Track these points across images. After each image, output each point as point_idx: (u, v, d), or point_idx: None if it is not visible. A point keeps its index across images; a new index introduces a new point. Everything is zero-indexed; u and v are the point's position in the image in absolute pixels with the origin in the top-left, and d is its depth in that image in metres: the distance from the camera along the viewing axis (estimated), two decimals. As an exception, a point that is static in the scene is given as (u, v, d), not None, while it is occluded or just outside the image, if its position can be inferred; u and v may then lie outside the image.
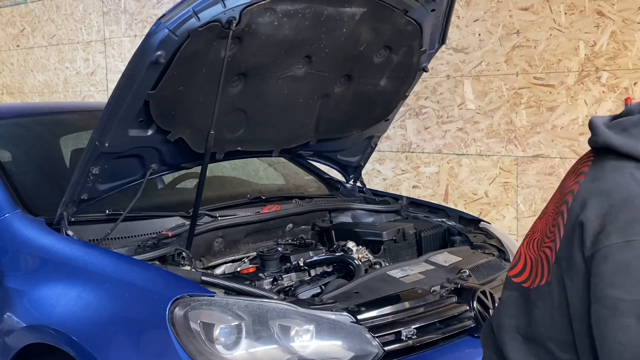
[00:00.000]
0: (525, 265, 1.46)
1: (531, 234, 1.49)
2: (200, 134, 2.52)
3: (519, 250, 1.50)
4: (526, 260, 1.46)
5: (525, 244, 1.49)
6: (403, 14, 2.68)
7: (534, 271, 1.43)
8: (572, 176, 1.43)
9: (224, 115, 2.55)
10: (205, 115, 2.43)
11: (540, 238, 1.45)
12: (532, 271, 1.44)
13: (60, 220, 2.47)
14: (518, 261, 1.49)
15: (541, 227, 1.46)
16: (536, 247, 1.45)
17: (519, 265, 1.48)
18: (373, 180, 4.68)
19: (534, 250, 1.46)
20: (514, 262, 1.50)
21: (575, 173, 1.43)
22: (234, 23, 2.25)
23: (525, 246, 1.49)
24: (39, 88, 7.28)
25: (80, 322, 2.17)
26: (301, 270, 2.60)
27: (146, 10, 6.06)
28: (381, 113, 3.20)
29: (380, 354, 2.10)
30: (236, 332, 2.01)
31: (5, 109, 3.98)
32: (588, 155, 1.45)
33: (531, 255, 1.46)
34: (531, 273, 1.43)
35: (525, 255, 1.47)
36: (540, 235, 1.45)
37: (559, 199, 1.42)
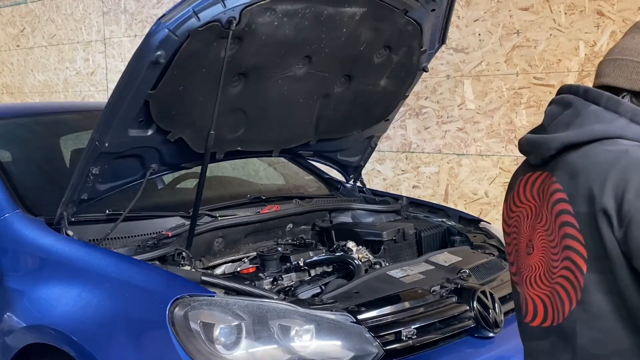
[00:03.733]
0: (536, 307, 1.42)
1: (526, 275, 1.45)
2: (200, 134, 2.52)
3: (522, 297, 1.46)
4: (535, 301, 1.43)
5: (525, 286, 1.45)
6: (403, 14, 2.68)
7: (554, 305, 1.39)
8: (536, 204, 1.43)
9: (224, 115, 2.55)
10: (205, 115, 2.43)
11: (543, 272, 1.41)
12: (551, 306, 1.39)
13: (60, 220, 2.47)
14: (527, 307, 1.44)
15: (536, 262, 1.43)
16: (543, 282, 1.41)
17: (530, 310, 1.44)
18: (373, 180, 4.68)
19: (542, 286, 1.41)
20: (523, 310, 1.45)
21: (537, 200, 1.43)
22: (234, 23, 2.25)
23: (527, 289, 1.45)
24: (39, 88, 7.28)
25: (80, 322, 2.17)
26: (301, 270, 2.60)
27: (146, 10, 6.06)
28: (381, 113, 3.20)
29: (380, 354, 2.10)
30: (236, 332, 2.01)
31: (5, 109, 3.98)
32: (532, 178, 1.45)
33: (540, 293, 1.42)
34: (553, 309, 1.39)
35: (532, 297, 1.43)
36: (542, 269, 1.42)
37: (548, 226, 1.39)
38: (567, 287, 1.36)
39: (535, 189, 1.45)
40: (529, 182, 1.48)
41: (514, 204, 1.51)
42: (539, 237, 1.43)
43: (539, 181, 1.45)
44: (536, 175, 1.46)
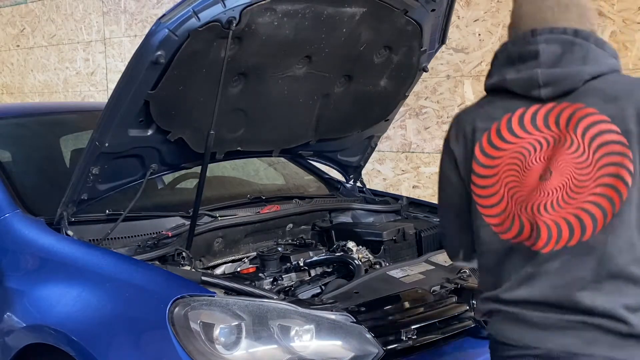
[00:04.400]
0: (559, 229, 1.51)
1: (538, 202, 1.53)
2: (200, 134, 2.52)
3: (530, 225, 1.54)
4: (557, 224, 1.51)
5: (537, 213, 1.53)
6: (403, 14, 2.68)
7: (582, 223, 1.49)
8: (552, 133, 1.55)
9: (224, 115, 2.55)
10: (205, 115, 2.43)
11: (566, 194, 1.52)
12: (579, 224, 1.50)
13: (60, 220, 2.47)
14: (539, 233, 1.52)
15: (555, 187, 1.52)
16: (566, 203, 1.51)
17: (544, 235, 1.52)
18: (373, 180, 4.68)
19: (565, 207, 1.51)
20: (532, 239, 1.53)
21: (554, 129, 1.55)
22: (234, 23, 2.25)
23: (540, 215, 1.52)
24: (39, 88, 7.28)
25: (80, 322, 2.17)
26: (301, 270, 2.60)
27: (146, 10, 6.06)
28: (381, 113, 3.20)
29: (380, 354, 2.10)
30: (236, 332, 2.01)
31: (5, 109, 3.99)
32: (542, 110, 1.57)
33: (563, 215, 1.51)
34: (581, 226, 1.49)
35: (548, 222, 1.52)
36: (562, 191, 1.52)
37: (577, 148, 1.51)
38: (604, 202, 1.48)
39: (552, 119, 1.56)
40: (538, 114, 1.57)
41: (504, 140, 1.60)
42: (562, 161, 1.53)
43: (556, 111, 1.56)
44: (549, 107, 1.57)
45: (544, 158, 1.56)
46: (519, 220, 1.56)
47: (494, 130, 1.61)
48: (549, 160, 1.55)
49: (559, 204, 1.52)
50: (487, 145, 1.62)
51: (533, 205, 1.55)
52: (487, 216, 1.62)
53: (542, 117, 1.57)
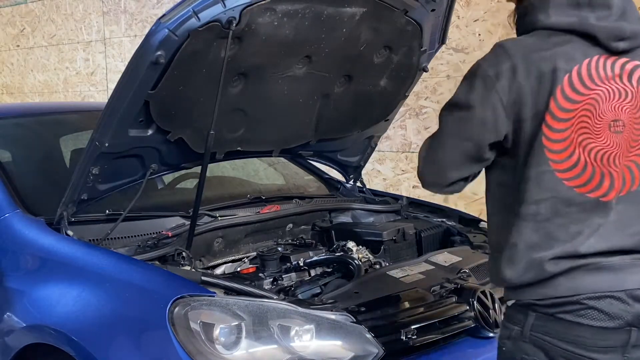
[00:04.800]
0: (623, 178, 1.63)
1: (610, 152, 1.61)
2: (200, 134, 2.52)
3: (600, 175, 1.61)
4: (622, 173, 1.63)
5: (606, 164, 1.61)
6: (403, 14, 2.68)
7: (633, 174, 1.63)
8: (622, 86, 1.61)
9: (224, 115, 2.55)
10: (205, 115, 2.43)
11: (627, 147, 1.62)
12: (630, 175, 1.63)
13: (60, 220, 2.47)
14: (601, 183, 1.61)
15: (623, 139, 1.62)
16: (625, 156, 1.63)
17: (606, 185, 1.62)
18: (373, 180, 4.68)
19: (625, 161, 1.63)
20: (615, 187, 1.62)
21: (625, 82, 1.62)
22: (234, 23, 2.25)
23: (609, 166, 1.61)
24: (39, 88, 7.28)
25: (80, 322, 2.17)
26: (301, 270, 2.60)
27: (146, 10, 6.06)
28: (381, 113, 3.20)
29: (380, 354, 2.10)
30: (236, 332, 2.02)
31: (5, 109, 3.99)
32: (618, 62, 1.62)
33: (628, 164, 1.63)
34: (632, 177, 1.63)
35: (613, 172, 1.62)
36: (626, 145, 1.62)
37: (636, 104, 1.62)
38: None
39: (626, 73, 1.63)
40: (615, 66, 1.63)
41: (585, 86, 1.60)
42: (628, 115, 1.62)
43: (630, 66, 1.64)
44: (624, 61, 1.64)
45: (615, 108, 1.61)
46: (591, 168, 1.61)
47: (575, 73, 1.61)
48: (618, 111, 1.61)
49: (624, 155, 1.62)
50: (568, 89, 1.60)
51: (604, 155, 1.61)
52: (555, 162, 1.61)
53: (619, 67, 1.63)
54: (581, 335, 1.61)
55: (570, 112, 1.60)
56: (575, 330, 1.61)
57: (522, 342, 1.67)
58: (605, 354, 1.61)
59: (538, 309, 1.65)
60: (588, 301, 1.60)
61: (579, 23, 1.63)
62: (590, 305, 1.60)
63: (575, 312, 1.62)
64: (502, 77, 1.62)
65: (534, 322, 1.66)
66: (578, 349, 1.61)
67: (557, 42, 1.63)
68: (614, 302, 1.60)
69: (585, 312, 1.61)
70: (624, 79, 1.63)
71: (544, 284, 1.64)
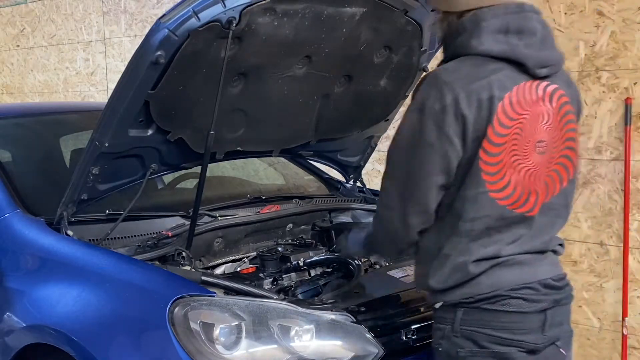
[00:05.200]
0: (538, 193, 1.83)
1: (532, 171, 1.80)
2: (200, 134, 2.52)
3: (523, 190, 1.80)
4: (533, 189, 1.82)
5: (537, 178, 1.82)
6: (403, 14, 2.68)
7: (548, 188, 1.84)
8: (544, 108, 1.79)
9: (224, 115, 2.55)
10: (205, 115, 2.43)
11: (545, 164, 1.82)
12: (546, 189, 1.84)
13: (60, 220, 2.47)
14: (523, 197, 1.81)
15: (543, 160, 1.81)
16: (543, 173, 1.82)
17: (524, 199, 1.81)
18: (373, 180, 4.68)
19: (542, 177, 1.82)
20: (520, 203, 1.81)
21: (547, 103, 1.80)
22: (234, 23, 2.25)
23: (530, 182, 1.80)
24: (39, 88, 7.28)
25: (80, 322, 2.17)
26: (301, 270, 2.60)
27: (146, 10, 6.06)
28: (381, 113, 3.20)
29: (380, 354, 2.10)
30: (236, 332, 2.02)
31: (5, 109, 3.98)
32: (541, 86, 1.79)
33: (544, 178, 1.83)
34: (547, 190, 1.85)
35: (531, 188, 1.81)
36: (545, 163, 1.82)
37: (555, 125, 1.81)
38: (562, 171, 1.86)
39: (547, 95, 1.80)
40: (538, 89, 1.78)
41: (515, 111, 1.76)
42: (549, 135, 1.81)
43: (551, 88, 1.81)
44: (545, 84, 1.80)
45: (539, 130, 1.79)
46: (520, 188, 1.80)
47: (507, 100, 1.74)
48: (542, 132, 1.79)
49: (544, 172, 1.83)
50: (502, 116, 1.74)
51: (531, 175, 1.80)
52: (490, 183, 1.77)
53: (542, 90, 1.79)
54: (506, 321, 1.81)
55: (504, 136, 1.75)
56: (500, 317, 1.81)
57: (454, 338, 1.85)
58: (529, 334, 1.83)
59: (465, 305, 1.84)
60: (509, 292, 1.81)
61: (510, 50, 1.75)
62: (512, 295, 1.81)
63: (498, 302, 1.81)
64: (448, 110, 1.73)
65: (462, 317, 1.84)
66: (505, 333, 1.81)
67: (492, 70, 1.75)
68: (530, 291, 1.83)
69: (507, 301, 1.81)
70: (546, 101, 1.79)
71: (468, 284, 1.83)
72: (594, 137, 3.75)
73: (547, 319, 1.86)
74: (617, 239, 3.71)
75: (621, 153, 3.66)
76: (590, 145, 3.76)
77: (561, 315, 1.91)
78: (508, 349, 1.82)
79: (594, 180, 3.76)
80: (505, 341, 1.82)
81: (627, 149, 3.61)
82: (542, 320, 1.85)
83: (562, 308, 1.91)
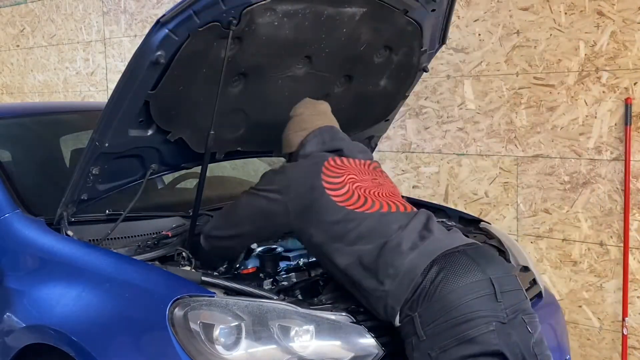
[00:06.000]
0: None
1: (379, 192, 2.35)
2: (200, 134, 2.52)
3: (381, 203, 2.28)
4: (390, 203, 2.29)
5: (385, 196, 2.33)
6: (403, 14, 2.68)
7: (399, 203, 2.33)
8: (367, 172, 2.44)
9: (224, 115, 2.55)
10: (205, 115, 2.43)
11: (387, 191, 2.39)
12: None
13: (60, 220, 2.47)
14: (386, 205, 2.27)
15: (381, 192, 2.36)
16: (391, 193, 2.40)
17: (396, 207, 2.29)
18: (373, 180, 4.68)
19: (389, 194, 2.38)
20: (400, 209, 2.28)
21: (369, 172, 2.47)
22: (234, 23, 2.24)
23: (383, 198, 2.31)
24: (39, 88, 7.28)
25: (80, 322, 2.17)
26: (301, 270, 2.60)
27: (146, 10, 6.06)
28: (381, 113, 3.20)
29: (380, 354, 2.10)
30: (236, 332, 2.01)
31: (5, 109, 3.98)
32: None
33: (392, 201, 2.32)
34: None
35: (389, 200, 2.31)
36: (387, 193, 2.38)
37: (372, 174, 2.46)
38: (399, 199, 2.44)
39: (352, 161, 2.44)
40: (349, 158, 2.45)
41: (338, 167, 2.36)
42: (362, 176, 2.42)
43: (346, 157, 2.46)
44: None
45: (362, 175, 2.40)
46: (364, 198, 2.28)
47: (326, 163, 2.33)
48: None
49: (386, 194, 2.38)
50: (328, 170, 2.32)
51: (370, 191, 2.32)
52: (335, 196, 2.25)
53: (351, 159, 2.44)
54: (455, 297, 1.96)
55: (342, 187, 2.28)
56: (450, 297, 1.96)
57: (423, 344, 1.97)
58: (485, 303, 1.97)
59: (417, 308, 1.99)
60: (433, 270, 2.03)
61: (330, 145, 2.46)
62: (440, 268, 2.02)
63: (438, 284, 1.99)
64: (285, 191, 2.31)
65: (421, 319, 1.98)
66: (463, 310, 1.95)
67: (311, 161, 2.37)
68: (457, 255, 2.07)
69: (441, 277, 1.99)
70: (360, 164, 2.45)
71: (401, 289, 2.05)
72: (594, 137, 3.75)
73: (496, 287, 2.02)
74: (617, 239, 3.71)
75: (621, 153, 3.66)
76: (590, 145, 3.76)
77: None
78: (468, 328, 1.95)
79: (594, 180, 3.76)
80: (465, 318, 1.94)
81: (627, 149, 3.61)
82: (491, 288, 2.03)
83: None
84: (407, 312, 2.02)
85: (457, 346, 1.94)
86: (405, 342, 2.04)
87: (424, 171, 4.45)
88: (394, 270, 2.06)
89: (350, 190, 2.26)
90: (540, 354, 2.04)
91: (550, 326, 2.70)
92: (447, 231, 2.24)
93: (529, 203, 4.01)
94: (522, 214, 4.05)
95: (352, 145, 2.53)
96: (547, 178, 3.92)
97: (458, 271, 2.01)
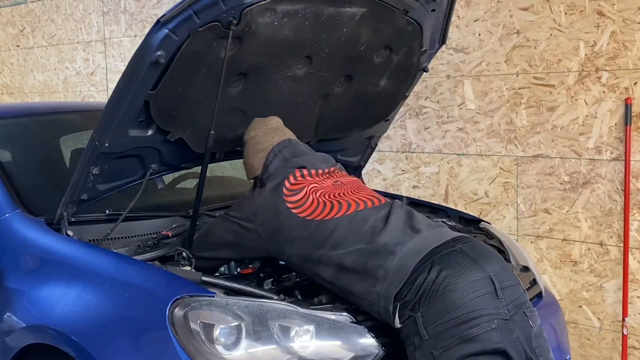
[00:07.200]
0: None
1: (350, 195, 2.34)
2: (200, 134, 2.52)
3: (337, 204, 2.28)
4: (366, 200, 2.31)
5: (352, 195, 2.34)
6: (403, 14, 2.68)
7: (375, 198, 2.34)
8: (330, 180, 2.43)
9: (224, 115, 2.55)
10: (205, 115, 2.43)
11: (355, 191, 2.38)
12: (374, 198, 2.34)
13: (60, 220, 2.47)
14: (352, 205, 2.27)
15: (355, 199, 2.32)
16: (355, 189, 2.39)
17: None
18: (373, 180, 4.68)
19: (354, 191, 2.37)
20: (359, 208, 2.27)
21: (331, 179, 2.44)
22: (234, 23, 2.24)
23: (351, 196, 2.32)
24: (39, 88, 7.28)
25: (80, 322, 2.17)
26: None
27: (146, 10, 6.06)
28: (381, 113, 3.20)
29: (380, 354, 2.10)
30: (236, 332, 2.01)
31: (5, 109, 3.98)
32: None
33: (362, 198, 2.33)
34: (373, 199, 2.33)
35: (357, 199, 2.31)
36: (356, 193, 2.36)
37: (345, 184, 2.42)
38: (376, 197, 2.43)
39: (321, 170, 2.44)
40: (316, 170, 2.43)
41: (297, 180, 2.38)
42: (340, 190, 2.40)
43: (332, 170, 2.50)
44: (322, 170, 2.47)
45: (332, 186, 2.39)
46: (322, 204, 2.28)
47: (286, 182, 2.34)
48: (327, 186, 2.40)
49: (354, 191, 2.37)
50: (288, 190, 2.33)
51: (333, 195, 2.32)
52: (301, 212, 2.25)
53: (312, 170, 2.42)
54: (457, 297, 1.96)
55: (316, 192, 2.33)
56: (452, 297, 1.97)
57: (425, 344, 1.97)
58: (487, 301, 1.97)
59: (419, 309, 1.99)
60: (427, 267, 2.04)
61: (293, 163, 2.42)
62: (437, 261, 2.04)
63: (439, 285, 1.99)
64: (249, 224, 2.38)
65: (423, 320, 1.98)
66: (465, 309, 1.95)
67: (278, 176, 2.41)
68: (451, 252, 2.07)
69: (440, 275, 2.00)
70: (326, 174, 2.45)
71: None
72: (594, 137, 3.75)
73: (496, 283, 2.04)
74: (617, 239, 3.71)
75: (621, 153, 3.66)
76: (590, 145, 3.76)
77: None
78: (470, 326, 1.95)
79: (594, 180, 3.76)
80: (467, 317, 1.95)
81: (627, 149, 3.61)
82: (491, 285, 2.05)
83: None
84: (409, 313, 2.02)
85: (459, 345, 1.94)
86: (407, 342, 2.04)
87: (424, 171, 4.45)
88: (384, 272, 2.06)
89: (315, 200, 2.28)
90: (539, 346, 2.05)
91: (551, 326, 2.70)
92: (431, 225, 2.24)
93: (529, 203, 4.01)
94: (522, 214, 4.05)
95: (313, 157, 2.50)
96: (547, 178, 3.92)
97: (458, 271, 2.02)
